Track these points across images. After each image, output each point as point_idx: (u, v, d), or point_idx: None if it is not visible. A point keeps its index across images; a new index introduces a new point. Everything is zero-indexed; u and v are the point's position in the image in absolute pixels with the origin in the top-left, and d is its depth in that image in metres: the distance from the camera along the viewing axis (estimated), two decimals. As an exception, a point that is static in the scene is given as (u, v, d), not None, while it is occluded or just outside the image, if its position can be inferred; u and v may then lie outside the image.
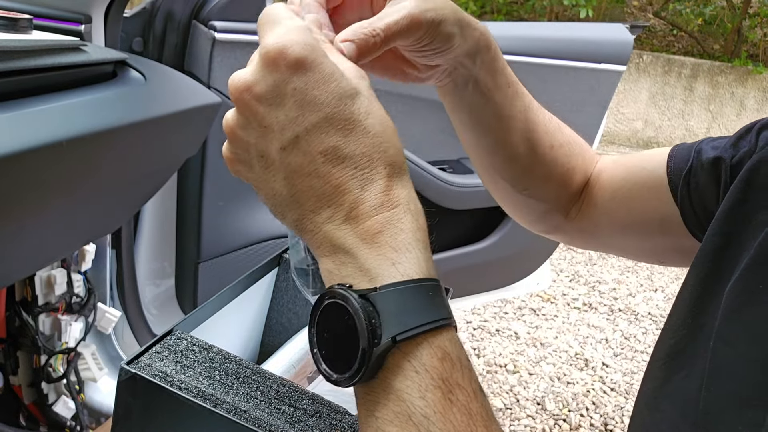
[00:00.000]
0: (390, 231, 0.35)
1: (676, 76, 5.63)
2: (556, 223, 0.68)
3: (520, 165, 0.61)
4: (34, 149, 0.59)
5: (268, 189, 0.37)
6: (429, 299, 0.34)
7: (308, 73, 0.35)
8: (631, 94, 5.69)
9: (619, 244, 0.67)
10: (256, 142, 0.36)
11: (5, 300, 0.97)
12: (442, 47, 0.47)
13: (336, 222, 0.35)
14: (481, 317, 2.35)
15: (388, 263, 0.34)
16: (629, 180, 0.62)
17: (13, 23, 0.71)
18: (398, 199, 0.36)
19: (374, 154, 0.35)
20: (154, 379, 0.38)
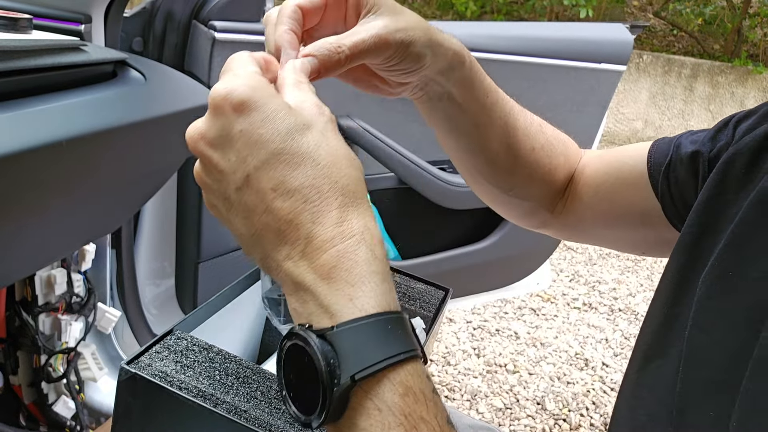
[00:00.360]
0: (345, 264, 0.34)
1: (676, 76, 5.62)
2: (543, 219, 0.69)
3: (502, 168, 0.62)
4: (34, 149, 0.59)
5: (235, 230, 0.38)
6: (387, 333, 0.33)
7: (252, 113, 0.36)
8: (631, 94, 5.69)
9: (603, 237, 0.68)
10: (218, 186, 0.37)
11: (5, 300, 0.97)
12: (412, 67, 0.48)
13: (294, 259, 0.35)
14: (481, 317, 2.35)
15: (346, 299, 0.34)
16: (611, 175, 0.63)
17: (13, 23, 0.71)
18: (352, 230, 0.35)
19: (323, 186, 0.35)
20: (154, 379, 0.38)
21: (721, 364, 0.39)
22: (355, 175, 0.37)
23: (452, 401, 1.89)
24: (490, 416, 1.84)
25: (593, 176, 0.65)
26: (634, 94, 5.68)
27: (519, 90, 1.65)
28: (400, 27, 0.45)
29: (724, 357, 0.39)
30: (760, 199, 0.44)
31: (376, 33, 0.43)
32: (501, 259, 1.56)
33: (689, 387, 0.42)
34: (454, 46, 0.51)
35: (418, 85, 0.52)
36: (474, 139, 0.59)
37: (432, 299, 0.67)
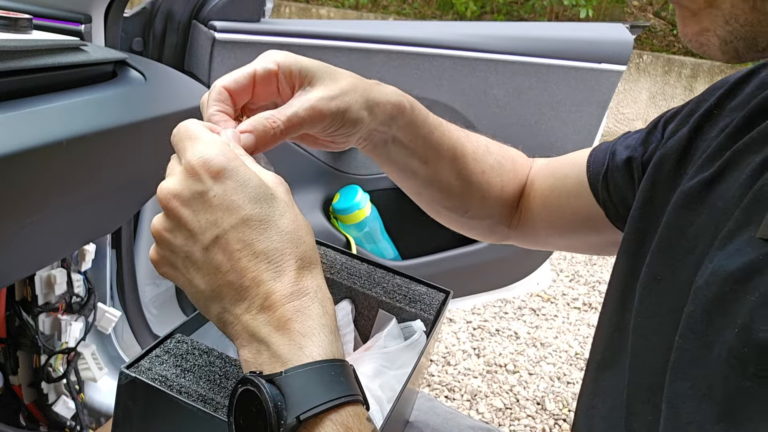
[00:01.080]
0: (299, 318, 0.38)
1: (677, 76, 5.63)
2: (503, 234, 0.73)
3: (456, 194, 0.65)
4: (34, 149, 0.59)
5: (192, 287, 0.40)
6: (332, 378, 0.36)
7: (227, 180, 0.39)
8: (631, 94, 5.69)
9: (560, 244, 0.72)
10: (183, 243, 0.40)
11: (5, 300, 0.97)
12: (351, 131, 0.50)
13: (252, 312, 0.38)
14: (481, 317, 2.35)
15: (296, 348, 0.37)
16: (556, 186, 0.66)
17: (13, 23, 0.71)
18: (307, 289, 0.39)
19: (286, 249, 0.39)
20: (154, 383, 0.38)
21: (657, 369, 0.40)
22: (311, 243, 0.41)
23: (452, 401, 1.89)
24: (490, 416, 1.84)
25: (540, 189, 0.68)
26: (634, 94, 5.69)
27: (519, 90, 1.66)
28: (335, 95, 0.48)
29: (659, 362, 0.40)
30: (680, 203, 0.45)
31: (311, 106, 0.46)
32: (501, 259, 1.56)
33: (633, 393, 0.43)
34: (392, 99, 0.54)
35: (361, 137, 0.54)
36: (425, 175, 0.62)
37: (433, 301, 0.67)
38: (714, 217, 0.41)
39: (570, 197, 0.64)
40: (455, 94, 1.36)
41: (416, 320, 0.65)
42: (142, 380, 0.38)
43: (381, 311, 0.66)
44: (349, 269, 0.68)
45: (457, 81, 1.34)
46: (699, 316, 0.37)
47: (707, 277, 0.37)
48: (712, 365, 0.34)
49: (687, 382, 0.35)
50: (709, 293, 0.36)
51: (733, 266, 0.35)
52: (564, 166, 0.67)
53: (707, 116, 0.50)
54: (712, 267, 0.38)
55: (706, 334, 0.35)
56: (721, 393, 0.32)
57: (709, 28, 0.37)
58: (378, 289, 0.66)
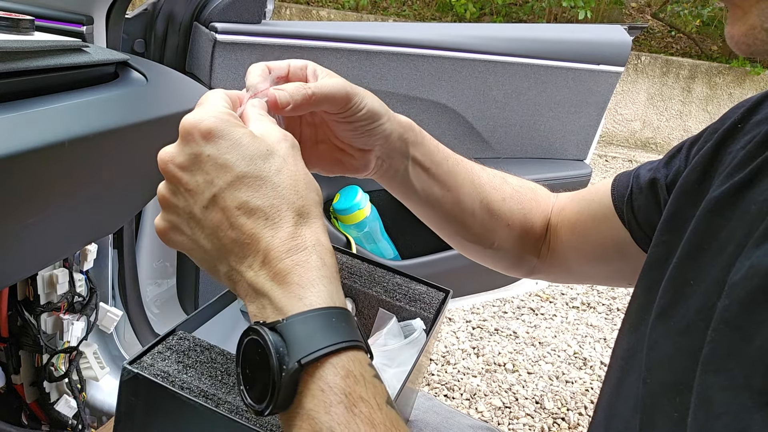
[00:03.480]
0: (298, 271, 0.39)
1: (674, 77, 5.63)
2: (532, 266, 0.73)
3: (480, 224, 0.66)
4: (36, 150, 0.60)
5: (199, 248, 0.42)
6: (331, 324, 0.37)
7: (219, 140, 0.40)
8: (630, 95, 5.69)
9: (590, 274, 0.72)
10: (184, 205, 0.42)
11: (7, 299, 0.97)
12: (370, 122, 0.53)
13: (254, 268, 0.39)
14: (480, 316, 2.36)
15: (296, 299, 0.38)
16: (583, 213, 0.67)
17: (15, 24, 0.71)
18: (305, 242, 0.40)
19: (282, 206, 0.40)
20: (156, 379, 0.38)
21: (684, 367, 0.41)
22: (311, 197, 0.42)
23: (451, 400, 1.89)
24: (489, 415, 1.85)
25: (567, 217, 0.69)
26: (632, 95, 5.69)
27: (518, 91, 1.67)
28: (357, 90, 0.52)
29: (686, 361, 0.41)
30: (709, 209, 0.46)
31: (338, 82, 0.50)
32: (500, 259, 1.57)
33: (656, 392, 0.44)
34: (402, 117, 0.57)
35: (380, 157, 0.57)
36: (448, 203, 0.63)
37: (432, 300, 0.67)
38: (746, 220, 0.42)
39: (597, 221, 0.65)
40: (454, 96, 1.36)
41: (416, 319, 0.65)
42: (145, 376, 0.38)
43: (381, 310, 0.66)
44: (349, 268, 0.69)
45: (456, 82, 1.35)
46: (736, 310, 0.37)
47: (745, 272, 0.38)
48: (751, 357, 0.34)
49: (721, 375, 0.36)
50: (749, 287, 0.37)
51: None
52: (589, 194, 0.68)
53: (732, 131, 0.51)
54: (749, 263, 0.38)
55: (745, 326, 0.36)
56: (760, 383, 0.33)
57: (756, 25, 0.37)
58: (378, 288, 0.67)
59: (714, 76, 5.57)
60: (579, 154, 1.61)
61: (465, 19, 5.79)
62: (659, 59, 5.62)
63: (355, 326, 0.39)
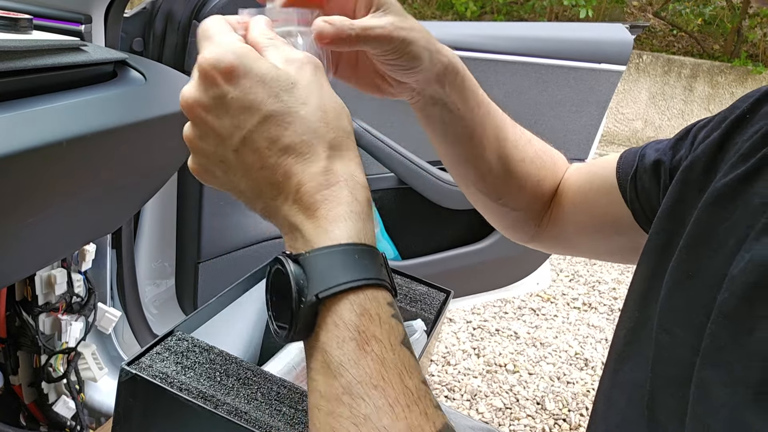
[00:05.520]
0: (327, 205, 0.39)
1: (676, 76, 5.62)
2: (532, 233, 0.72)
3: (494, 177, 0.65)
4: (34, 149, 0.59)
5: (234, 188, 0.42)
6: (354, 261, 0.37)
7: (242, 80, 0.39)
8: (631, 94, 5.69)
9: (586, 247, 0.72)
10: (215, 149, 0.41)
11: (5, 300, 0.97)
12: (409, 65, 0.52)
13: (288, 203, 0.40)
14: (481, 317, 2.35)
15: (323, 233, 0.38)
16: (586, 186, 0.67)
17: (14, 23, 0.71)
18: (337, 177, 0.39)
19: (313, 140, 0.40)
20: (155, 380, 0.38)
21: (684, 361, 0.41)
22: (343, 126, 0.41)
23: (452, 401, 1.89)
24: (490, 416, 1.84)
25: (572, 188, 0.69)
26: (633, 94, 5.68)
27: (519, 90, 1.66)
28: (404, 26, 0.50)
29: (686, 354, 0.41)
30: (711, 200, 0.46)
31: (383, 26, 0.49)
32: (501, 259, 1.56)
33: (657, 385, 0.44)
34: (450, 55, 0.56)
35: (416, 89, 0.56)
36: (468, 149, 0.62)
37: (433, 301, 0.67)
38: (748, 213, 0.42)
39: (599, 195, 0.65)
40: (455, 94, 1.36)
41: (417, 320, 0.65)
42: (143, 377, 0.38)
43: (381, 310, 0.66)
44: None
45: (456, 81, 1.34)
46: (735, 303, 0.37)
47: (744, 266, 0.38)
48: (751, 350, 0.34)
49: (720, 368, 0.36)
50: (748, 281, 0.37)
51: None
52: (595, 166, 0.68)
53: (740, 121, 0.51)
54: (749, 256, 0.38)
55: (745, 320, 0.36)
56: (758, 377, 0.33)
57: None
58: (378, 288, 0.66)
59: (716, 75, 5.56)
60: (580, 154, 1.61)
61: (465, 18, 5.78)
62: (661, 58, 5.62)
63: (380, 264, 0.39)
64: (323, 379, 0.36)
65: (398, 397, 0.35)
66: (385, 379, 0.35)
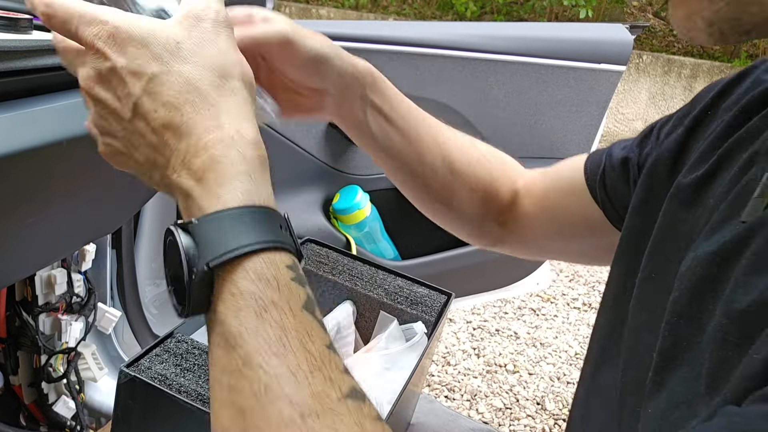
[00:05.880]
0: (215, 167, 0.37)
1: (676, 76, 5.62)
2: (495, 236, 0.71)
3: (441, 182, 0.65)
4: (34, 149, 0.59)
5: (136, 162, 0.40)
6: (245, 225, 0.35)
7: (128, 47, 0.38)
8: (631, 94, 5.69)
9: (556, 248, 0.70)
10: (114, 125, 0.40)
11: (5, 300, 0.97)
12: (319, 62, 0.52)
13: (178, 170, 0.38)
14: (481, 317, 2.35)
15: (214, 198, 0.36)
16: (553, 190, 0.66)
17: (14, 23, 0.70)
18: (223, 137, 0.37)
19: (195, 98, 0.38)
20: (154, 382, 0.38)
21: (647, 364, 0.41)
22: (230, 82, 0.39)
23: (452, 401, 1.89)
24: (489, 416, 1.84)
25: (538, 192, 0.68)
26: (633, 94, 5.68)
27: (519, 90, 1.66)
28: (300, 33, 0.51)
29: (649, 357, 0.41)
30: (674, 201, 0.46)
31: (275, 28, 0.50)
32: (501, 259, 1.56)
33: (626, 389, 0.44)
34: (362, 61, 0.56)
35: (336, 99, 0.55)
36: (409, 156, 0.62)
37: (434, 303, 0.67)
38: (705, 213, 0.42)
39: (568, 198, 0.64)
40: (455, 95, 1.36)
41: (417, 322, 0.65)
42: (142, 379, 0.38)
43: (382, 313, 0.66)
44: (350, 271, 0.68)
45: (457, 81, 1.34)
46: (685, 301, 0.37)
47: (690, 262, 0.38)
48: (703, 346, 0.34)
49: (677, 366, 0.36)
50: (693, 276, 0.37)
51: (714, 247, 0.36)
52: (560, 170, 0.67)
53: (701, 117, 0.51)
54: (694, 254, 0.38)
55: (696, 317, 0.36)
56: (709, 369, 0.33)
57: (695, 11, 0.37)
58: (379, 290, 0.66)
59: (716, 75, 5.56)
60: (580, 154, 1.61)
61: (465, 18, 5.78)
62: (661, 58, 5.61)
63: (277, 226, 0.37)
64: (223, 352, 0.34)
65: (300, 363, 0.33)
66: (286, 346, 0.33)
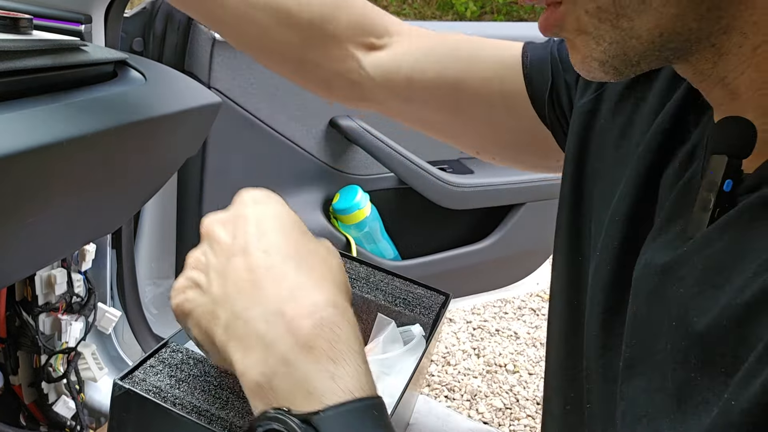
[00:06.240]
0: (327, 335, 0.31)
1: (678, 75, 5.61)
2: (347, 91, 0.62)
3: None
4: (34, 149, 0.59)
5: (204, 296, 0.36)
6: (375, 422, 0.30)
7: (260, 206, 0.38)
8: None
9: (442, 119, 0.62)
10: (211, 259, 0.37)
11: (5, 300, 0.97)
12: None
13: (268, 317, 0.32)
14: (481, 317, 2.35)
15: (327, 377, 0.30)
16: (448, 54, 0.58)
17: (14, 23, 0.70)
18: (336, 302, 0.33)
19: (317, 265, 0.36)
20: (148, 395, 0.38)
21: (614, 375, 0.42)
22: (347, 288, 0.38)
23: (452, 401, 1.89)
24: (489, 416, 1.84)
25: (436, 45, 0.59)
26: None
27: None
28: None
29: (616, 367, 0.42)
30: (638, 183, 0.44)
31: None
32: (501, 259, 1.56)
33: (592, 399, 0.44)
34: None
35: None
36: None
37: (432, 304, 0.66)
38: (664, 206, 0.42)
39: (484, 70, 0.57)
40: (456, 95, 1.36)
41: (415, 325, 0.65)
42: (136, 392, 0.38)
43: (380, 315, 0.65)
44: (348, 272, 0.68)
45: (457, 81, 1.34)
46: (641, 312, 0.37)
47: (641, 270, 0.38)
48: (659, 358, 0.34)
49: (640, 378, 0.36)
50: (646, 287, 0.37)
51: (662, 260, 0.36)
52: (474, 43, 0.58)
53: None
54: (644, 260, 0.38)
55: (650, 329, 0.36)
56: (672, 385, 0.33)
57: (587, 54, 0.37)
58: (377, 292, 0.66)
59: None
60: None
61: (465, 18, 5.78)
62: (662, 58, 5.60)
63: (389, 420, 0.32)
64: None
65: None
66: None
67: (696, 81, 0.38)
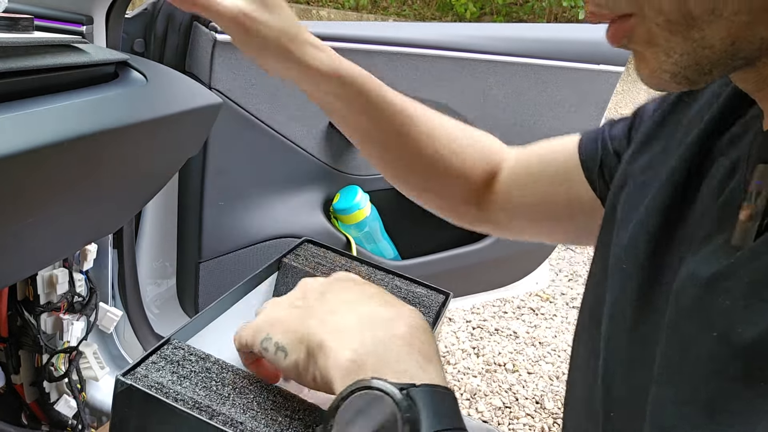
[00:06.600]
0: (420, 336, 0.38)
1: (678, 75, 5.62)
2: (474, 216, 0.72)
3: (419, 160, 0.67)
4: (35, 149, 0.59)
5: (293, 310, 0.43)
6: (455, 406, 0.35)
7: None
8: (630, 95, 5.68)
9: (540, 231, 0.70)
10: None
11: (7, 299, 0.97)
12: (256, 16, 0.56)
13: None
14: (481, 316, 2.36)
15: (418, 368, 0.36)
16: (542, 174, 0.66)
17: (14, 23, 0.71)
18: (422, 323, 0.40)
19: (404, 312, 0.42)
20: (150, 391, 0.38)
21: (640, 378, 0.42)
22: None
23: (451, 400, 1.89)
24: (489, 415, 1.85)
25: (521, 175, 0.67)
26: (632, 94, 5.68)
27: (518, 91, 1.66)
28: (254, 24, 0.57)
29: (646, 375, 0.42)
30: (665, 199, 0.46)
31: (232, 8, 0.56)
32: (500, 258, 1.57)
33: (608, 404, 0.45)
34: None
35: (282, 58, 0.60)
36: (371, 131, 0.65)
37: (432, 303, 0.67)
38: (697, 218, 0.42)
39: (561, 185, 0.64)
40: (455, 96, 1.36)
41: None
42: (138, 387, 0.38)
43: (380, 314, 0.66)
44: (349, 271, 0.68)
45: (456, 82, 1.34)
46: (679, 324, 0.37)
47: (683, 282, 0.38)
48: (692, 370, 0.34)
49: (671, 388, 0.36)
50: (686, 299, 0.37)
51: (707, 272, 0.36)
52: (551, 155, 0.66)
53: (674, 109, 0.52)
54: (686, 271, 0.38)
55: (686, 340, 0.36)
56: (703, 398, 0.33)
57: (657, 67, 0.37)
58: (377, 291, 0.66)
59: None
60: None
61: (465, 19, 5.78)
62: (661, 58, 5.61)
63: None
64: None
65: None
66: None
67: (756, 88, 0.38)
